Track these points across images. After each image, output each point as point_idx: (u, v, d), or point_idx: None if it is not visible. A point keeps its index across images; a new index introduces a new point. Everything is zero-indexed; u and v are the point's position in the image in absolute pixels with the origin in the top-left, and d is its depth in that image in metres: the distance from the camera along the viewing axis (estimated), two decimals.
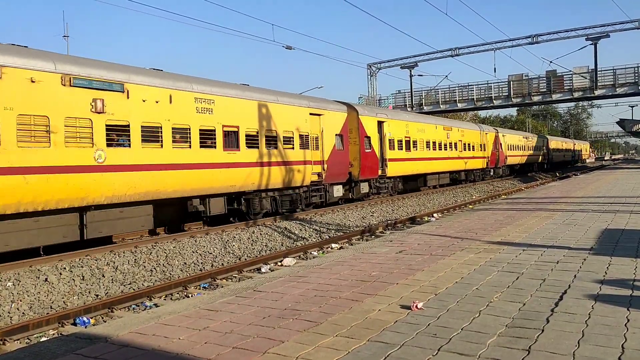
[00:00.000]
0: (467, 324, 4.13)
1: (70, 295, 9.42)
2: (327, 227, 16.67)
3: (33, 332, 7.44)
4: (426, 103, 48.05)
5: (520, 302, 4.71)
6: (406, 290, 5.28)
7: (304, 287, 5.69)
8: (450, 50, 45.53)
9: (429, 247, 7.91)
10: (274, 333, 4.13)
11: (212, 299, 5.42)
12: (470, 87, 46.62)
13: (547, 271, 5.90)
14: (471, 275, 5.87)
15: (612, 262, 6.24)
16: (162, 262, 11.67)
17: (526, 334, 3.85)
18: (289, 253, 12.43)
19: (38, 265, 10.46)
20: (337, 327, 4.19)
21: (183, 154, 13.91)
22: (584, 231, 8.82)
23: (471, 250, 7.47)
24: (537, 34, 42.22)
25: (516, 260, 6.57)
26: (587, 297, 4.77)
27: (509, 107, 52.44)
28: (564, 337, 3.75)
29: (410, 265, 6.57)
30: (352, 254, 7.83)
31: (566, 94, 43.10)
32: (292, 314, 4.65)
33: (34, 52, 10.98)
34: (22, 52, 10.70)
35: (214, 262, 12.15)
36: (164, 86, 13.50)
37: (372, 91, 49.94)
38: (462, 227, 10.10)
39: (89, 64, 11.95)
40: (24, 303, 8.85)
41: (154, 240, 13.09)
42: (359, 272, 6.33)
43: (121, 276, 10.61)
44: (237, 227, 15.44)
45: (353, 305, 4.82)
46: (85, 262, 10.88)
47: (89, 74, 11.67)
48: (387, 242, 8.88)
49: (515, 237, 8.43)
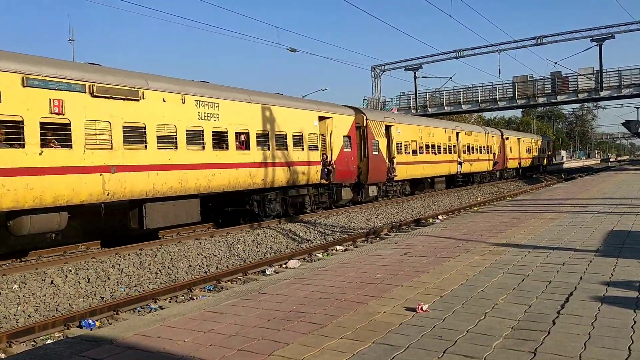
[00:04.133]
0: (473, 326, 4.12)
1: (76, 298, 9.45)
2: (331, 229, 16.67)
3: (39, 334, 7.46)
4: (430, 105, 47.95)
5: (526, 304, 4.69)
6: (411, 292, 5.27)
7: (308, 289, 5.68)
8: (455, 52, 45.54)
9: (434, 249, 7.89)
10: (279, 335, 4.12)
11: (217, 301, 5.43)
12: (475, 88, 46.49)
13: (553, 273, 5.88)
14: (476, 277, 5.85)
15: (619, 264, 6.21)
16: (167, 264, 11.69)
17: (532, 336, 3.83)
18: (294, 255, 12.43)
19: (44, 267, 10.50)
20: (342, 329, 4.18)
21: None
22: (589, 233, 8.78)
23: (476, 252, 7.45)
24: (541, 36, 42.18)
25: (522, 262, 6.55)
26: (593, 299, 4.75)
27: (514, 108, 52.31)
28: (571, 339, 3.74)
29: (415, 267, 6.56)
30: (356, 256, 7.82)
31: (571, 95, 42.93)
32: (297, 316, 4.65)
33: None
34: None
35: (218, 265, 12.16)
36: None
37: (377, 93, 49.96)
38: (467, 229, 10.07)
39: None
40: (30, 305, 8.87)
41: (159, 243, 13.11)
42: (363, 274, 6.32)
43: (126, 278, 10.63)
44: (241, 230, 15.46)
45: (358, 308, 4.81)
46: (91, 264, 10.91)
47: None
48: (391, 244, 8.87)
49: (520, 239, 8.41)
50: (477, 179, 36.84)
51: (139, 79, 12.96)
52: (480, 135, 37.20)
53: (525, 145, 48.94)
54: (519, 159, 46.47)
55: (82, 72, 11.63)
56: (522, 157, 47.85)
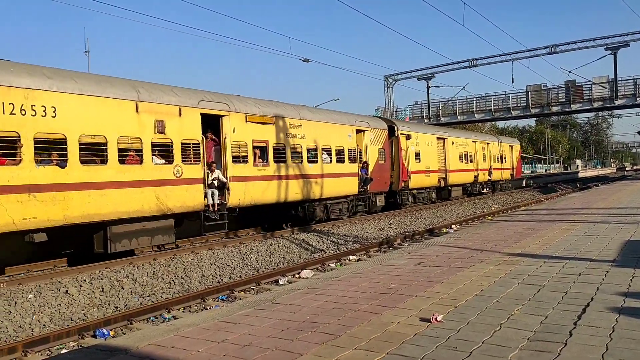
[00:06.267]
0: (488, 337, 4.08)
1: (90, 307, 9.50)
2: (344, 239, 16.63)
3: (54, 343, 7.50)
4: (443, 114, 47.85)
5: (542, 315, 4.64)
6: (425, 303, 5.24)
7: (322, 300, 5.67)
8: (468, 61, 45.38)
9: (447, 259, 7.84)
10: (292, 346, 4.11)
11: (230, 311, 5.43)
12: (488, 97, 46.33)
13: (569, 283, 5.81)
14: (491, 287, 5.80)
15: (636, 274, 6.12)
16: (181, 274, 11.72)
17: (549, 348, 3.78)
18: (307, 265, 12.40)
19: (59, 277, 10.58)
20: (356, 340, 4.16)
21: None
22: (606, 243, 8.67)
23: (491, 262, 7.39)
24: (555, 44, 41.87)
25: (537, 273, 6.48)
26: (610, 310, 4.68)
27: (528, 117, 51.93)
28: (588, 351, 3.68)
29: (429, 277, 6.51)
30: (370, 265, 7.79)
31: (586, 104, 42.56)
32: (310, 326, 4.64)
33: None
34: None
35: (231, 274, 12.17)
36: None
37: (389, 103, 49.94)
38: (481, 239, 10.00)
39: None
40: (45, 315, 8.94)
41: (173, 253, 13.17)
42: (377, 284, 6.29)
43: (140, 288, 10.67)
44: (254, 239, 15.48)
45: (372, 318, 4.79)
46: (105, 274, 10.98)
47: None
48: (405, 253, 8.83)
49: (535, 249, 8.32)
50: (491, 187, 36.66)
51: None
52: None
53: (458, 150, 31.03)
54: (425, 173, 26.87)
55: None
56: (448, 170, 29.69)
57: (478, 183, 34.24)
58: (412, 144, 25.31)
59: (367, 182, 20.87)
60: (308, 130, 17.98)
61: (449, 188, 29.79)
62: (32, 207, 10.09)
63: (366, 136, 21.73)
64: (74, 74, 11.48)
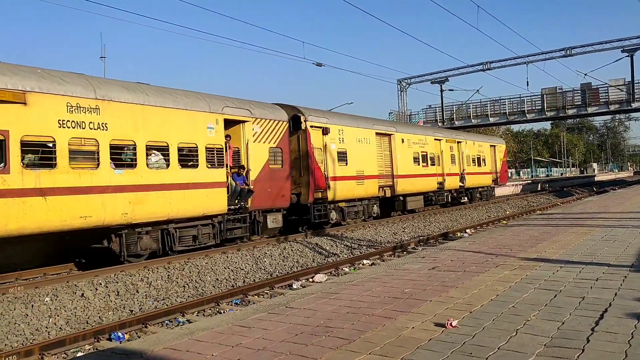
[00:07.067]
0: (504, 343, 4.04)
1: (106, 311, 9.58)
2: (358, 243, 16.59)
3: (70, 346, 7.57)
4: (457, 118, 47.64)
5: (559, 320, 4.58)
6: (440, 308, 5.20)
7: (336, 304, 5.66)
8: (482, 65, 45.18)
9: (462, 264, 7.79)
10: (306, 350, 4.11)
11: (244, 315, 5.44)
12: (502, 100, 46.05)
13: (586, 289, 5.74)
14: (507, 292, 5.75)
15: None
16: (195, 278, 11.78)
17: (566, 354, 3.73)
18: (321, 269, 12.39)
19: (75, 280, 10.68)
20: (370, 345, 4.14)
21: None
22: (624, 247, 8.56)
23: (506, 266, 7.32)
24: (571, 47, 41.55)
25: (553, 278, 6.41)
26: (629, 316, 4.61)
27: (543, 120, 51.56)
28: (606, 358, 3.63)
29: (443, 282, 6.47)
30: (384, 270, 7.76)
31: (602, 107, 42.14)
32: (324, 331, 4.63)
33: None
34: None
35: (245, 278, 12.20)
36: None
37: (403, 106, 49.84)
38: (496, 243, 9.92)
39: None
40: (61, 318, 9.03)
41: (187, 257, 13.24)
42: (391, 289, 6.26)
43: (155, 292, 10.74)
44: (268, 243, 15.51)
45: (386, 323, 4.77)
46: (120, 277, 11.07)
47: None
48: (419, 258, 8.78)
49: (552, 254, 8.24)
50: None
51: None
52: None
53: (412, 150, 24.71)
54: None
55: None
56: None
57: (445, 191, 27.33)
58: (332, 141, 18.91)
59: (244, 195, 15.10)
60: (115, 117, 11.69)
61: (400, 198, 23.24)
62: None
63: (246, 129, 15.41)
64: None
